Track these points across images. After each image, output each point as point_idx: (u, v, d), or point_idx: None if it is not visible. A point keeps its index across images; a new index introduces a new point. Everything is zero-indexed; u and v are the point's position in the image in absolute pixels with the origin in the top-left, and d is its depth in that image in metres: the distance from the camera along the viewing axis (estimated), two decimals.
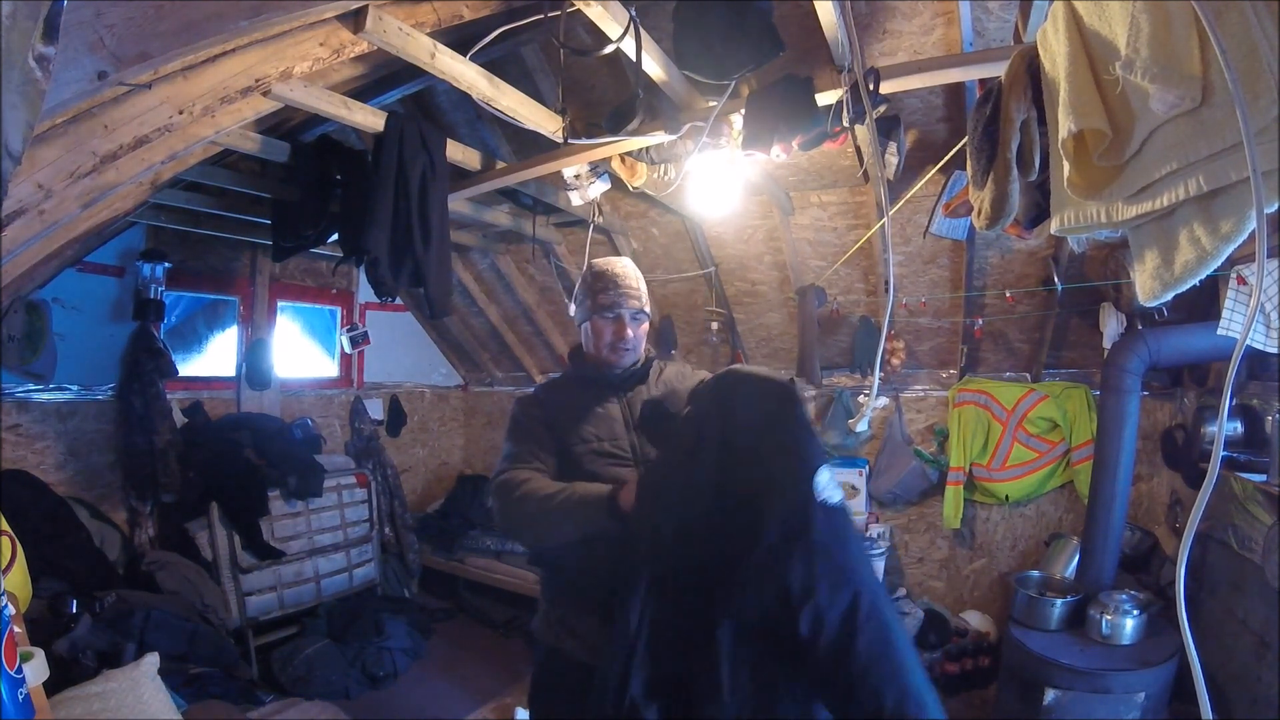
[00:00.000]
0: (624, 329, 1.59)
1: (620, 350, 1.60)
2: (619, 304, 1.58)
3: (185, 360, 3.67)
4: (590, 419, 1.55)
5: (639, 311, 1.61)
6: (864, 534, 3.49)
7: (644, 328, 1.64)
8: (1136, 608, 2.28)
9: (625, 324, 1.59)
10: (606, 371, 1.62)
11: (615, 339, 1.59)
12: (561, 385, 1.70)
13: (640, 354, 1.64)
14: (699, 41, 1.88)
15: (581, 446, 1.51)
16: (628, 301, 1.59)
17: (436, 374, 5.32)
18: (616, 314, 1.58)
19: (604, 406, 1.57)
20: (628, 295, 1.59)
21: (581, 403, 1.59)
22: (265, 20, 1.34)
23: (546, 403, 1.62)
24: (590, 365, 1.65)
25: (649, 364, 1.66)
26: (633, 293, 1.60)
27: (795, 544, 1.14)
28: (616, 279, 1.61)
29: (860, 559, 1.22)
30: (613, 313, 1.58)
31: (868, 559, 1.28)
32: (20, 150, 0.70)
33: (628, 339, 1.59)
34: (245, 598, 3.28)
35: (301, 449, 3.85)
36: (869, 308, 3.57)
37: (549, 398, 1.64)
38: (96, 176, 1.55)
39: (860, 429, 3.59)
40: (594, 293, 1.60)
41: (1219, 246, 0.85)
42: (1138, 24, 0.88)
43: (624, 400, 1.60)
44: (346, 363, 4.63)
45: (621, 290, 1.59)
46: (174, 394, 3.49)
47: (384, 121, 2.22)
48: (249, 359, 3.90)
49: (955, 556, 3.67)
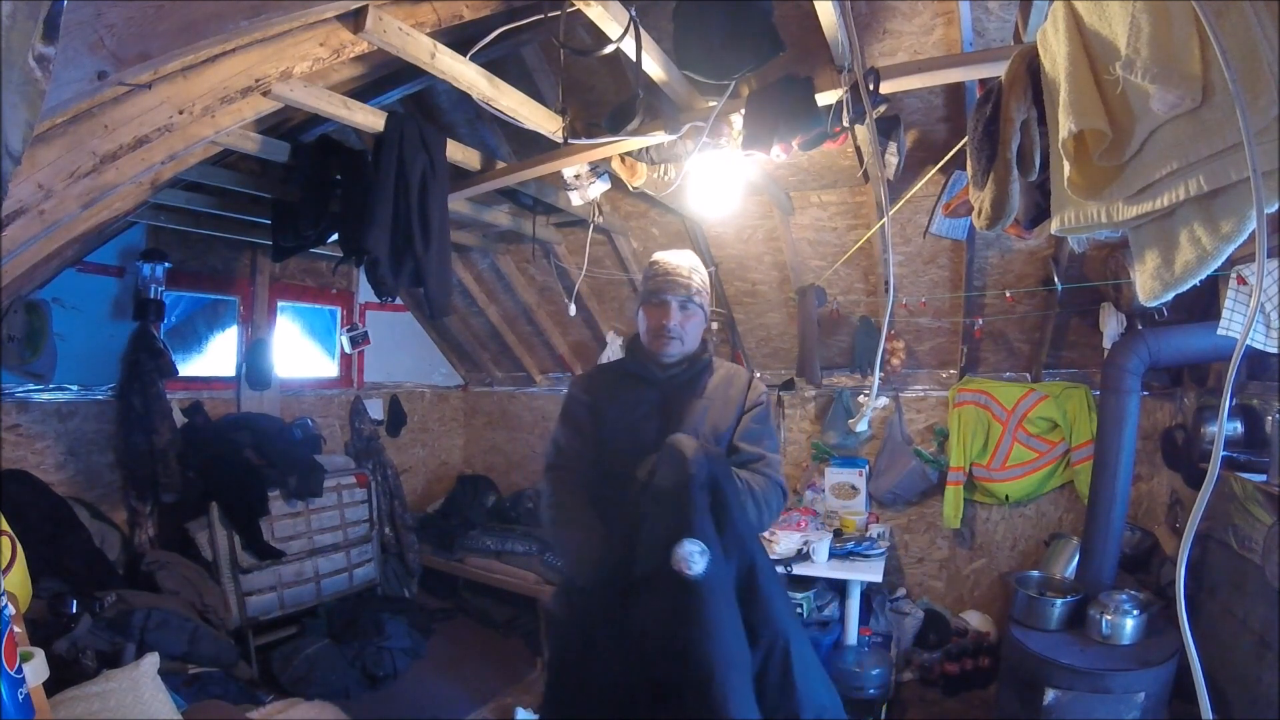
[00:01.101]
0: (668, 314, 1.58)
1: (664, 337, 1.59)
2: (663, 290, 1.59)
3: (185, 360, 3.67)
4: (625, 412, 1.59)
5: (687, 300, 1.60)
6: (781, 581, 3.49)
7: (693, 318, 1.62)
8: (1136, 608, 2.28)
9: (670, 310, 1.58)
10: (652, 364, 1.63)
11: (659, 325, 1.59)
12: (610, 371, 1.74)
13: (689, 346, 1.63)
14: (699, 41, 1.88)
15: (611, 440, 1.58)
16: (674, 289, 1.59)
17: (436, 374, 5.32)
18: (661, 299, 1.59)
19: (640, 401, 1.60)
20: (674, 282, 1.59)
21: (621, 393, 1.63)
22: (265, 20, 1.34)
23: (593, 386, 1.67)
24: (639, 357, 1.67)
25: (698, 366, 1.65)
26: (681, 280, 1.60)
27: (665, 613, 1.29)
28: (668, 268, 1.62)
29: (717, 635, 1.27)
30: (658, 298, 1.59)
31: (729, 634, 1.31)
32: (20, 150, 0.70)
33: (670, 326, 1.58)
34: (245, 598, 3.28)
35: (301, 449, 3.85)
36: (869, 308, 3.57)
37: (597, 380, 1.69)
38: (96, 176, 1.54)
39: (860, 429, 3.59)
40: (645, 279, 1.64)
41: (1219, 246, 0.85)
42: (1138, 24, 0.88)
43: (664, 398, 1.61)
44: (346, 363, 4.63)
45: (670, 278, 1.60)
46: (174, 394, 3.49)
47: (384, 121, 2.22)
48: (249, 359, 3.90)
49: (955, 556, 3.67)
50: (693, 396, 1.62)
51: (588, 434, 1.62)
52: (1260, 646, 1.94)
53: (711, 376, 1.66)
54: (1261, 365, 2.35)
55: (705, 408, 1.61)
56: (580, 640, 1.47)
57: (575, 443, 1.62)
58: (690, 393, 1.63)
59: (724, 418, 1.62)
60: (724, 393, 1.63)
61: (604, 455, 1.58)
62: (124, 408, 3.27)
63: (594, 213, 3.25)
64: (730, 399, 1.63)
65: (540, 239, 3.68)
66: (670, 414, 1.59)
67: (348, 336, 4.50)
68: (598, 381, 1.70)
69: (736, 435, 1.62)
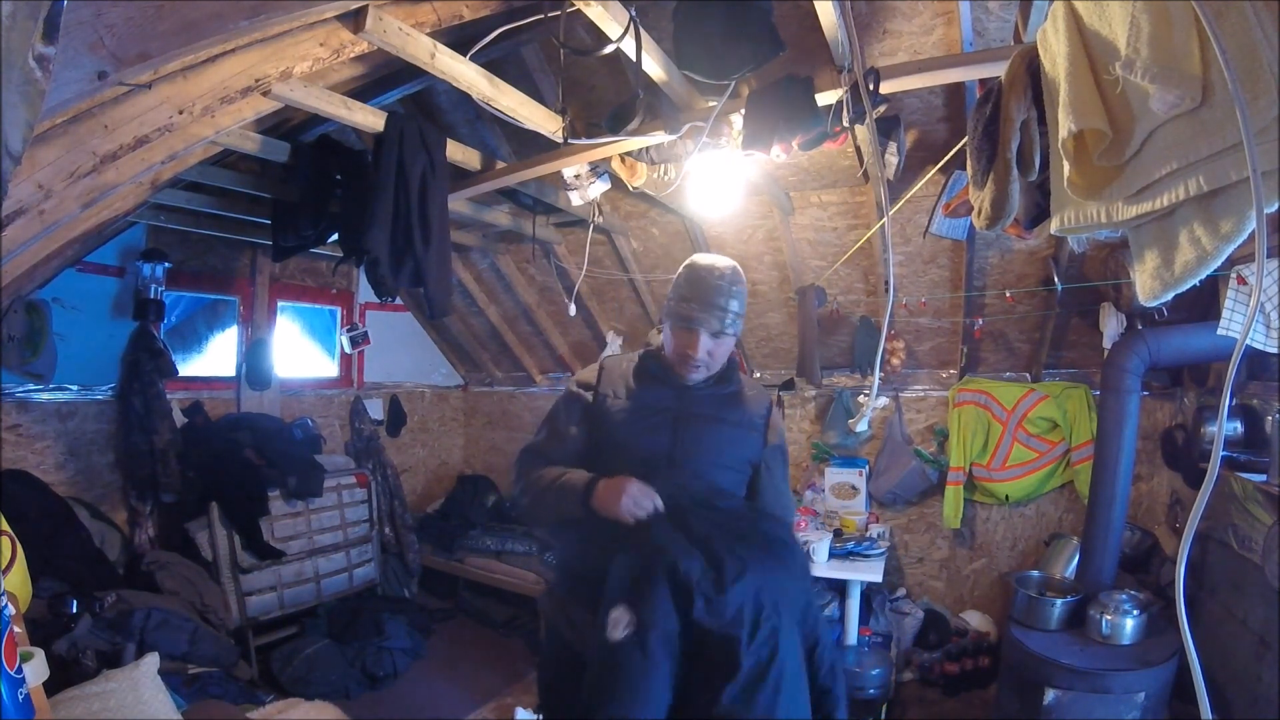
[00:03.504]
0: (695, 345, 1.47)
1: (689, 366, 1.50)
2: (696, 319, 1.46)
3: (185, 360, 3.67)
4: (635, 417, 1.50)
5: (721, 331, 1.48)
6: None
7: (725, 343, 1.51)
8: (1136, 608, 2.28)
9: (699, 342, 1.47)
10: (674, 374, 1.54)
11: (684, 353, 1.48)
12: (627, 364, 1.61)
13: (716, 368, 1.54)
14: (699, 41, 1.88)
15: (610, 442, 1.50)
16: (709, 319, 1.46)
17: (436, 374, 5.32)
18: (692, 328, 1.47)
19: (654, 409, 1.51)
20: (711, 308, 1.46)
21: (637, 392, 1.53)
22: (265, 20, 1.34)
23: (603, 379, 1.56)
24: (662, 363, 1.56)
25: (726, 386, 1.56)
26: (718, 306, 1.46)
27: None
28: (707, 286, 1.47)
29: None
30: (688, 325, 1.47)
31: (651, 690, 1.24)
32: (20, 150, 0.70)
33: (698, 358, 1.48)
34: (245, 598, 3.28)
35: (301, 449, 3.85)
36: (869, 308, 3.57)
37: (611, 372, 1.58)
38: (96, 176, 1.55)
39: (860, 429, 3.59)
40: (678, 291, 1.50)
41: (1219, 246, 0.85)
42: (1138, 24, 0.88)
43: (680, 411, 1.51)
44: (346, 363, 4.63)
45: (707, 302, 1.46)
46: (174, 394, 3.48)
47: (384, 121, 2.22)
48: (249, 359, 3.90)
49: (955, 556, 3.67)
50: (713, 419, 1.52)
51: (569, 439, 1.53)
52: (1260, 646, 1.94)
53: (736, 397, 1.57)
54: (1261, 365, 2.35)
55: (725, 434, 1.52)
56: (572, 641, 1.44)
57: (552, 445, 1.54)
58: (711, 413, 1.53)
59: (743, 449, 1.54)
60: (748, 419, 1.55)
61: (600, 456, 1.49)
62: (124, 408, 3.27)
63: (594, 213, 3.25)
64: (753, 427, 1.55)
65: (540, 239, 3.68)
66: (684, 435, 1.49)
67: (348, 336, 4.50)
68: (611, 374, 1.58)
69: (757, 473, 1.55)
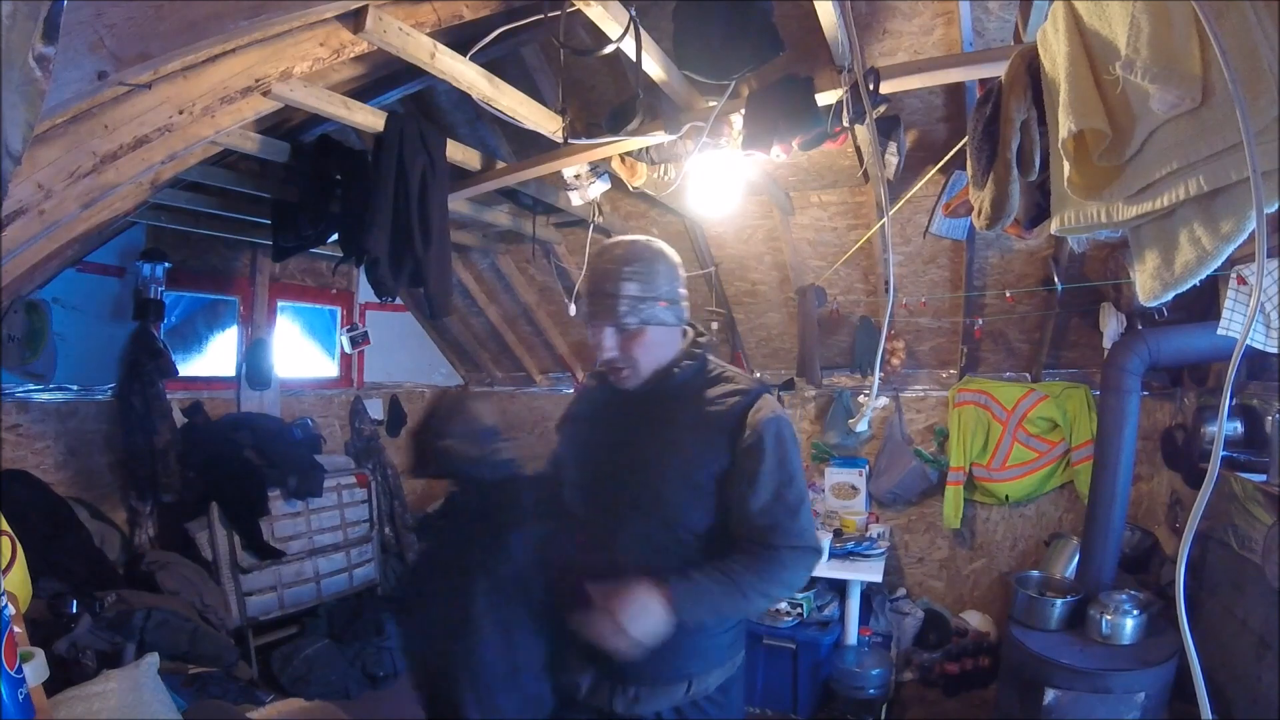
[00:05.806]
0: (601, 343, 1.23)
1: (612, 370, 1.26)
2: (591, 312, 1.23)
3: (185, 360, 3.66)
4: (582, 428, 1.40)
5: (619, 324, 1.21)
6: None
7: (640, 336, 1.22)
8: (1136, 608, 2.28)
9: (603, 338, 1.23)
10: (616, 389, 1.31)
11: (599, 355, 1.26)
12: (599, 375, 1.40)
13: (651, 366, 1.26)
14: (699, 41, 1.88)
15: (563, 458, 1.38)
16: (599, 312, 1.21)
17: (436, 374, 5.32)
18: (593, 324, 1.24)
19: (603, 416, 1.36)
20: (600, 298, 1.21)
21: (594, 403, 1.40)
22: (265, 20, 1.34)
23: (581, 393, 1.49)
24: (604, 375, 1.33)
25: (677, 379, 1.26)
26: (607, 294, 1.20)
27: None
28: (597, 278, 1.24)
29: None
30: (588, 321, 1.25)
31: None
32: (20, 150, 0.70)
33: (613, 357, 1.23)
34: (245, 598, 3.28)
35: (301, 449, 3.85)
36: (869, 308, 3.57)
37: (590, 384, 1.45)
38: (96, 176, 1.54)
39: (860, 429, 3.58)
40: (582, 291, 1.34)
41: (1219, 246, 0.85)
42: (1138, 24, 0.88)
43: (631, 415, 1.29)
44: (346, 363, 4.63)
45: (597, 292, 1.22)
46: (174, 394, 3.48)
47: (384, 121, 2.22)
48: (249, 359, 3.90)
49: (955, 556, 3.67)
50: (664, 422, 1.25)
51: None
52: (1260, 646, 1.94)
53: (699, 393, 1.27)
54: (1261, 365, 2.34)
55: (677, 440, 1.23)
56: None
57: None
58: (662, 415, 1.26)
59: (702, 456, 1.22)
60: (712, 419, 1.24)
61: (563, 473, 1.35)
62: (124, 408, 3.27)
63: (594, 213, 3.25)
64: (720, 428, 1.23)
65: (540, 239, 3.68)
66: (625, 442, 1.27)
67: (348, 336, 4.50)
68: (589, 386, 1.45)
69: (730, 486, 1.22)
